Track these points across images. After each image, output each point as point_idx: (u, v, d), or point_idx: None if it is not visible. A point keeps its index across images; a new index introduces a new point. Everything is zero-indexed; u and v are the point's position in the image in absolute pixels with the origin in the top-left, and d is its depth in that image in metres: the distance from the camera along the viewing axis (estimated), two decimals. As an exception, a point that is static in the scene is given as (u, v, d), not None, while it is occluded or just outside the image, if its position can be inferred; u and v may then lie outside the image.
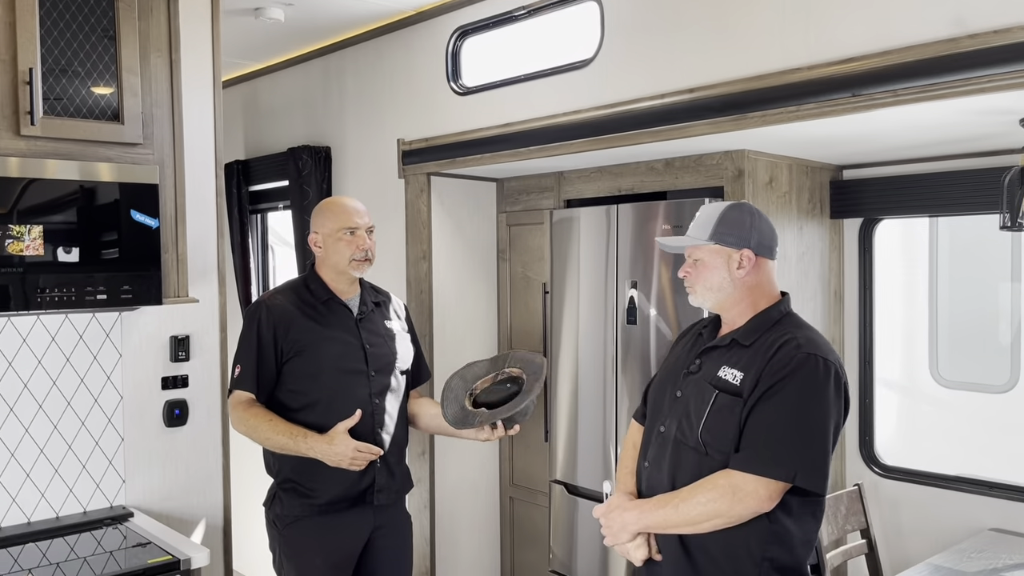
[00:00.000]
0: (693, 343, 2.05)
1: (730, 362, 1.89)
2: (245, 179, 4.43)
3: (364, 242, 2.52)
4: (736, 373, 1.86)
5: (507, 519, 3.72)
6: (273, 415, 2.43)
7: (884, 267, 3.23)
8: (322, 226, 2.53)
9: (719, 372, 1.89)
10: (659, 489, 1.94)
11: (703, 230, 1.95)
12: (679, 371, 2.01)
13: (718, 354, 1.94)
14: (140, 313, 2.72)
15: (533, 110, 2.97)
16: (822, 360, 1.81)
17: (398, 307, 2.73)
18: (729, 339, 1.93)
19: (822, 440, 1.80)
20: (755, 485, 1.77)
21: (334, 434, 2.37)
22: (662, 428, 1.97)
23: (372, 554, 2.54)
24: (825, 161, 3.07)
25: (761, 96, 2.31)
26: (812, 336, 1.89)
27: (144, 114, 2.46)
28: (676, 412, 1.95)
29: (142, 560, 2.26)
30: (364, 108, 3.75)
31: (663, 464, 1.94)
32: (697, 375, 1.94)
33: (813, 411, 1.79)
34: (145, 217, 2.43)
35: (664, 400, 2.01)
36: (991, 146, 2.69)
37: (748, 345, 1.89)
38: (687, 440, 1.89)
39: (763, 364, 1.83)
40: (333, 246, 2.51)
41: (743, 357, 1.88)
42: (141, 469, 2.75)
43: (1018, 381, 3.33)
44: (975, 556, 2.60)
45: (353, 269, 2.52)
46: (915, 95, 2.01)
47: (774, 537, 1.82)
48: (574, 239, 3.20)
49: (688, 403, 1.92)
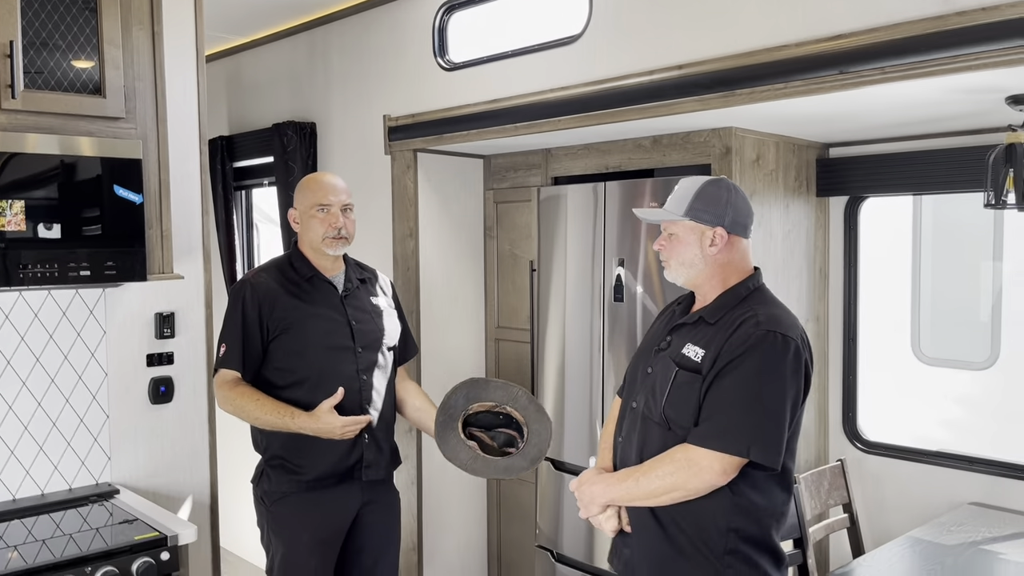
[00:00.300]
0: (668, 320, 2.09)
1: (695, 339, 1.92)
2: (229, 155, 4.39)
3: (337, 220, 2.50)
4: (698, 350, 1.89)
5: (494, 495, 3.74)
6: (260, 394, 2.42)
7: (869, 245, 3.25)
8: (299, 202, 2.54)
9: (683, 349, 1.93)
10: (629, 463, 2.00)
11: (679, 205, 1.96)
12: (652, 348, 2.05)
13: (685, 331, 1.97)
14: (124, 289, 2.70)
15: (520, 86, 2.95)
16: (781, 336, 1.83)
17: (384, 284, 2.73)
18: (696, 317, 1.97)
19: (778, 415, 1.81)
20: (710, 459, 1.80)
21: (319, 412, 2.37)
22: (634, 404, 2.03)
23: (360, 530, 2.56)
24: (812, 139, 3.08)
25: (749, 73, 2.30)
26: (775, 312, 1.90)
27: (126, 88, 2.43)
28: (645, 388, 1.99)
29: (129, 537, 2.26)
30: (350, 83, 3.72)
31: (633, 438, 2.00)
32: (666, 352, 1.98)
33: (769, 386, 1.81)
34: (128, 192, 2.40)
35: (637, 376, 2.06)
36: (976, 124, 2.70)
37: (713, 323, 1.92)
38: (652, 415, 1.94)
39: (723, 341, 1.86)
40: (307, 223, 2.52)
41: (707, 334, 1.91)
42: (127, 446, 2.74)
43: (998, 358, 3.37)
44: (955, 529, 2.65)
45: (327, 247, 2.50)
46: (902, 72, 2.02)
47: (738, 509, 1.86)
48: (561, 216, 3.20)
49: (656, 379, 1.97)
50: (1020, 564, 2.36)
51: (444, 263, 3.59)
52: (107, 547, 2.18)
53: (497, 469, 2.50)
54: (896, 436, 3.18)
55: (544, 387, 3.30)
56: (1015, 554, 2.43)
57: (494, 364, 3.70)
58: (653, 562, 1.94)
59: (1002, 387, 3.45)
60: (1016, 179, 2.28)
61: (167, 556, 2.24)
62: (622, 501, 1.95)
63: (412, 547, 3.50)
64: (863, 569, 2.39)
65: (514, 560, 3.67)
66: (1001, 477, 2.84)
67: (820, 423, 3.24)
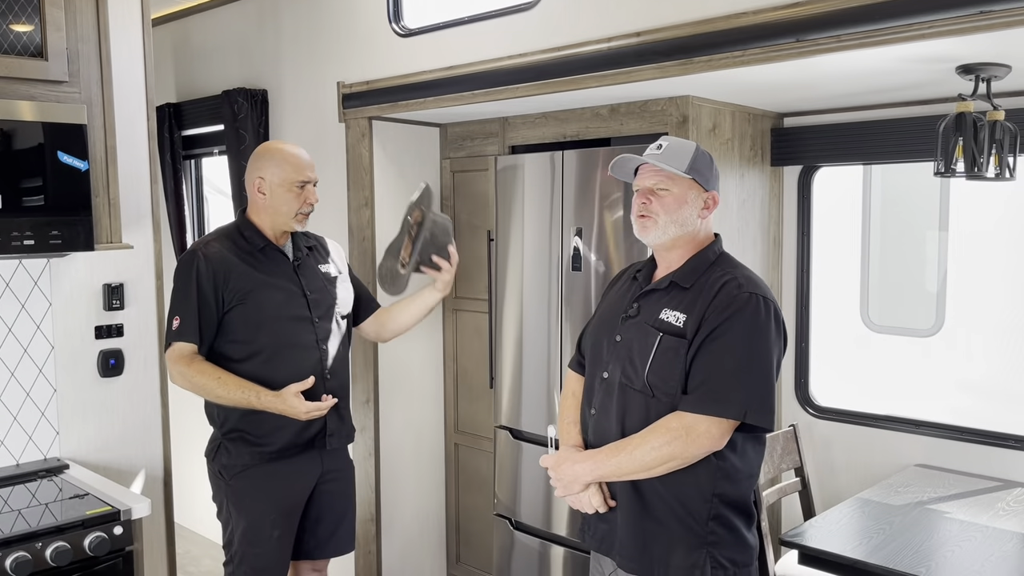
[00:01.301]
0: (628, 288, 2.06)
1: (671, 304, 1.90)
2: (177, 123, 4.27)
3: (312, 196, 2.49)
4: (679, 315, 1.87)
5: (452, 465, 3.75)
6: (221, 371, 2.37)
7: (821, 215, 3.30)
8: (272, 174, 2.45)
9: (660, 315, 1.90)
10: (608, 436, 1.95)
11: (680, 161, 1.91)
12: (616, 316, 2.01)
13: (657, 297, 1.95)
14: (70, 260, 2.63)
15: (477, 53, 2.92)
16: (763, 299, 1.85)
17: (333, 250, 2.70)
18: (667, 281, 1.94)
19: (768, 377, 1.84)
20: (707, 425, 1.80)
21: (285, 394, 2.34)
22: (605, 374, 1.98)
23: (318, 500, 2.55)
24: (767, 108, 3.10)
25: (707, 40, 2.30)
26: (750, 275, 1.92)
27: (69, 50, 2.35)
28: (618, 357, 1.95)
29: (80, 511, 2.21)
30: (302, 49, 3.63)
31: (611, 410, 1.95)
32: (637, 319, 1.95)
33: (758, 349, 1.83)
34: (73, 159, 2.32)
35: (603, 346, 2.01)
36: (928, 95, 2.75)
37: (688, 287, 1.91)
38: (633, 384, 1.91)
39: (705, 305, 1.85)
40: (282, 196, 2.45)
41: (684, 299, 1.89)
42: (76, 420, 2.68)
43: (943, 325, 3.47)
44: (901, 490, 2.73)
45: (297, 223, 2.49)
46: (857, 41, 2.03)
47: (722, 473, 1.87)
48: (519, 186, 3.19)
49: (631, 347, 1.93)
50: (963, 522, 2.44)
51: (400, 233, 3.55)
52: (58, 522, 2.14)
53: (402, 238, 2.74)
54: (846, 401, 3.26)
55: (502, 356, 3.30)
56: (959, 513, 2.51)
57: (452, 335, 3.69)
58: (635, 536, 1.92)
59: (946, 353, 3.56)
60: (965, 148, 2.32)
61: (120, 531, 2.21)
62: (612, 477, 1.90)
63: (370, 518, 3.49)
64: (814, 530, 2.45)
65: (473, 529, 3.70)
66: (945, 439, 2.93)
67: (773, 389, 3.30)
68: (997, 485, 2.74)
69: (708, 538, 1.86)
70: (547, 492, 3.12)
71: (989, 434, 2.85)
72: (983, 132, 2.32)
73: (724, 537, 1.87)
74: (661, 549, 1.89)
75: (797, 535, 2.40)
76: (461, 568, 3.76)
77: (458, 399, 3.70)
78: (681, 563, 1.87)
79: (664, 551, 1.89)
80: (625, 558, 1.94)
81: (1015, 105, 2.56)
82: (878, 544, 2.30)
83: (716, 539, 1.87)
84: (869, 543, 2.32)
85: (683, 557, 1.87)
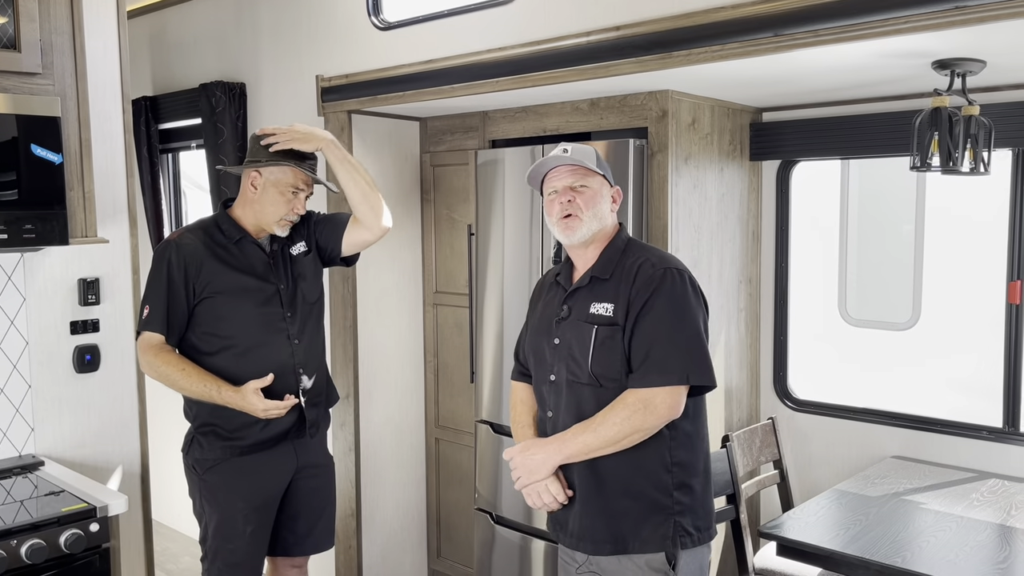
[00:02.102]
0: (554, 294, 2.13)
1: (597, 298, 2.00)
2: (154, 116, 4.23)
3: (301, 206, 2.45)
4: (606, 305, 1.97)
5: (433, 459, 3.75)
6: (186, 363, 2.36)
7: (800, 209, 3.33)
8: (270, 171, 2.41)
9: (590, 310, 1.99)
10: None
11: (590, 160, 2.03)
12: (550, 321, 2.09)
13: (583, 295, 2.03)
14: (45, 254, 2.59)
15: (457, 47, 2.91)
16: (676, 271, 1.96)
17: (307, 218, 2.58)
18: (588, 278, 2.03)
19: (700, 339, 1.95)
20: (660, 395, 1.89)
21: (245, 391, 2.32)
22: (552, 376, 2.05)
23: (295, 495, 2.53)
24: (746, 103, 3.12)
25: (686, 35, 2.31)
26: (661, 254, 2.04)
27: (43, 42, 2.31)
28: (560, 357, 2.03)
29: (55, 508, 2.19)
30: (281, 42, 3.61)
31: (563, 407, 2.03)
32: (569, 319, 2.03)
33: (684, 316, 1.94)
34: (47, 152, 2.29)
35: (544, 351, 2.08)
36: (904, 90, 2.77)
37: (607, 278, 2.00)
38: (579, 379, 1.99)
39: (628, 290, 1.95)
40: (271, 197, 2.41)
41: (607, 289, 1.99)
42: (51, 417, 2.65)
43: (919, 319, 3.51)
44: (878, 481, 2.75)
45: (279, 227, 2.45)
46: (835, 36, 2.05)
47: (676, 442, 1.96)
48: (499, 180, 3.18)
49: (570, 345, 2.01)
50: (939, 512, 2.47)
51: (380, 228, 3.53)
52: (33, 519, 2.12)
53: None
54: (824, 394, 3.29)
55: (483, 351, 3.30)
56: (934, 503, 2.55)
57: (432, 329, 3.68)
58: (607, 523, 1.97)
59: (922, 347, 3.59)
60: (941, 142, 2.34)
61: (96, 527, 2.18)
62: (578, 456, 1.95)
63: (351, 513, 3.48)
64: (792, 522, 2.47)
65: (454, 523, 3.69)
66: (921, 431, 2.96)
67: (752, 383, 3.33)
68: (972, 476, 2.78)
69: (674, 508, 1.95)
70: (528, 486, 3.13)
71: (964, 426, 2.89)
72: (958, 127, 2.34)
73: (688, 505, 1.96)
74: (630, 525, 1.95)
75: (775, 527, 2.42)
76: (442, 562, 3.76)
77: (439, 394, 3.69)
78: (651, 536, 1.94)
79: (633, 526, 1.95)
80: (598, 542, 1.98)
81: (990, 100, 2.59)
82: (855, 535, 2.33)
83: (681, 508, 1.95)
84: (846, 534, 2.34)
85: (652, 530, 1.94)
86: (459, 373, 3.58)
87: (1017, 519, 2.41)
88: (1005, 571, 2.11)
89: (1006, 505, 2.52)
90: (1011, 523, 2.39)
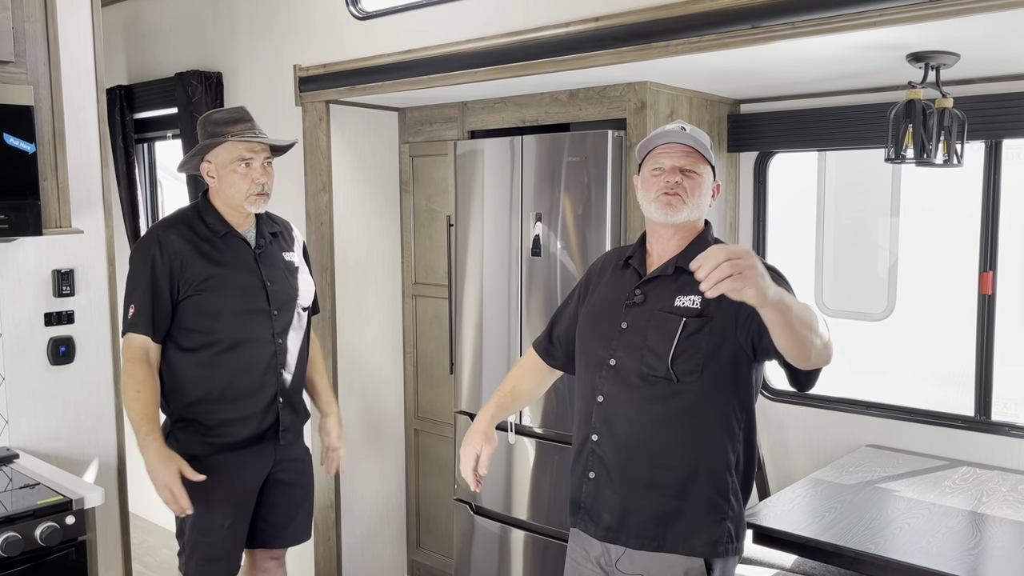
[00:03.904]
0: (621, 275, 2.00)
1: (683, 291, 1.86)
2: (129, 106, 4.18)
3: (260, 175, 2.37)
4: (694, 298, 1.83)
5: (412, 451, 3.75)
6: (145, 388, 2.27)
7: (777, 201, 3.35)
8: (215, 155, 2.37)
9: (676, 302, 1.86)
10: (620, 425, 1.90)
11: (704, 148, 1.88)
12: (617, 303, 1.95)
13: (664, 283, 1.90)
14: (18, 245, 2.56)
15: (435, 37, 2.90)
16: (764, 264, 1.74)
17: (297, 236, 2.64)
18: (672, 267, 1.90)
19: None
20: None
21: (167, 463, 2.22)
22: (612, 361, 1.92)
23: (273, 488, 2.52)
24: (724, 95, 3.13)
25: (665, 26, 2.32)
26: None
27: (15, 30, 2.28)
28: (629, 344, 1.90)
29: (31, 501, 2.17)
30: (257, 31, 3.58)
31: (622, 397, 1.90)
32: (644, 306, 1.90)
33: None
34: (19, 141, 2.27)
35: (608, 333, 1.94)
36: (880, 82, 2.79)
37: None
38: (656, 371, 1.85)
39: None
40: (227, 178, 2.36)
41: (694, 284, 1.66)
42: (25, 409, 2.62)
43: (894, 310, 3.55)
44: (853, 470, 2.79)
45: (249, 204, 2.38)
46: (812, 27, 2.06)
47: (740, 443, 1.91)
48: (478, 171, 3.18)
49: (645, 334, 1.88)
50: (912, 500, 2.51)
51: (359, 218, 3.53)
52: (7, 512, 2.10)
53: None
54: (800, 384, 3.31)
55: (463, 342, 3.30)
56: (907, 491, 2.58)
57: (412, 321, 3.68)
58: (657, 519, 1.87)
59: (897, 337, 3.64)
60: (915, 135, 2.37)
61: (72, 520, 2.17)
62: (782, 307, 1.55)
63: (330, 504, 3.48)
64: (768, 510, 2.49)
65: (433, 514, 3.70)
66: (895, 420, 3.00)
67: (729, 373, 3.35)
68: (944, 464, 2.82)
69: (728, 513, 1.87)
70: (507, 477, 3.14)
71: (937, 415, 2.93)
72: (932, 119, 2.37)
73: (739, 512, 1.91)
74: (683, 524, 1.86)
75: (752, 515, 2.44)
76: (422, 553, 3.77)
77: (418, 385, 3.69)
78: (704, 539, 1.86)
79: (686, 526, 1.86)
80: (645, 538, 1.88)
81: (963, 93, 2.62)
82: (830, 522, 2.36)
83: (734, 514, 1.89)
84: (821, 521, 2.37)
85: (707, 533, 1.86)
86: (438, 364, 3.58)
87: (988, 506, 2.45)
88: (976, 556, 2.15)
89: (977, 492, 2.56)
90: (982, 510, 2.43)
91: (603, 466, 1.93)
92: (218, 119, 2.39)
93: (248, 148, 2.36)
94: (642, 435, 1.88)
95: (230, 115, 2.40)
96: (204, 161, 2.39)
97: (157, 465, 2.23)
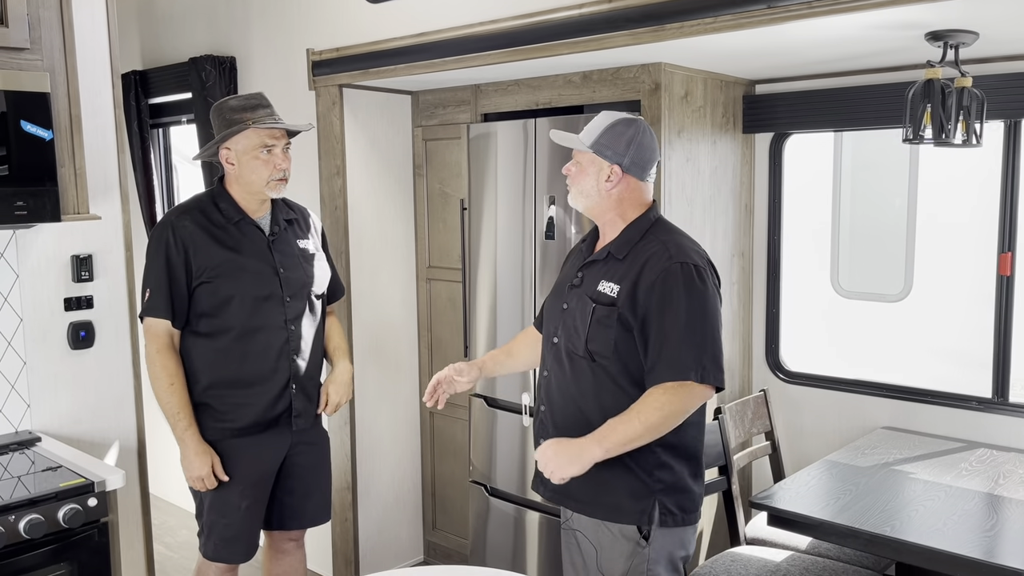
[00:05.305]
0: (577, 257, 2.17)
1: (607, 276, 2.02)
2: (144, 91, 4.19)
3: (282, 161, 2.40)
4: (613, 286, 1.99)
5: (427, 433, 3.77)
6: (177, 380, 2.37)
7: (792, 182, 3.33)
8: (235, 142, 2.39)
9: (598, 287, 2.01)
10: (556, 398, 2.08)
11: (589, 136, 2.04)
12: (564, 285, 2.14)
13: (597, 268, 2.06)
14: (37, 231, 2.58)
15: (448, 19, 2.88)
16: (692, 267, 1.93)
17: (314, 223, 2.65)
18: (605, 252, 2.05)
19: (715, 339, 1.93)
20: (686, 390, 1.90)
21: (200, 454, 2.36)
22: (555, 339, 2.11)
23: (290, 471, 2.54)
24: (739, 76, 3.10)
25: (680, 7, 2.30)
26: (680, 241, 2.00)
27: (30, 16, 2.29)
28: (564, 324, 2.08)
29: (53, 484, 2.20)
30: (271, 15, 3.57)
31: (559, 373, 2.08)
32: (580, 288, 2.07)
33: (698, 315, 1.91)
34: (37, 128, 2.28)
35: (555, 312, 2.14)
36: (897, 61, 2.76)
37: (622, 258, 2.01)
38: (577, 351, 2.03)
39: (636, 275, 1.95)
40: (248, 164, 2.38)
41: (619, 270, 2.00)
42: (47, 393, 2.65)
43: (911, 291, 3.52)
44: (868, 452, 2.78)
45: (270, 190, 2.41)
46: (829, 7, 2.04)
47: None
48: (492, 154, 3.17)
49: (574, 316, 2.05)
50: (928, 482, 2.50)
51: (373, 202, 3.53)
52: (31, 495, 2.13)
53: None
54: (815, 366, 3.31)
55: (476, 326, 3.31)
56: (923, 473, 2.58)
57: (425, 304, 3.69)
58: (587, 487, 2.00)
59: (913, 318, 3.62)
60: (933, 115, 2.34)
61: (94, 502, 2.20)
62: (618, 449, 1.90)
63: (346, 486, 3.51)
64: (783, 492, 2.50)
65: (449, 495, 3.73)
66: (910, 402, 2.99)
67: (744, 355, 3.35)
68: (961, 446, 2.81)
69: (655, 486, 1.99)
70: (522, 459, 3.16)
71: (953, 396, 2.92)
72: (951, 99, 2.34)
73: (670, 484, 2.00)
74: (612, 497, 2.00)
75: (767, 497, 2.45)
76: (438, 534, 3.80)
77: (433, 368, 3.71)
78: (632, 508, 1.99)
79: (615, 498, 2.00)
80: (581, 503, 2.05)
81: (982, 72, 2.59)
82: (845, 504, 2.36)
83: (663, 487, 1.99)
84: (836, 503, 2.37)
85: (632, 503, 1.99)
86: (453, 347, 3.60)
87: (1005, 488, 2.45)
88: (993, 539, 2.15)
89: (994, 474, 2.55)
90: (999, 492, 2.42)
91: (548, 436, 2.08)
92: (235, 105, 2.40)
93: (270, 135, 2.39)
94: (569, 408, 2.05)
95: (248, 101, 2.41)
96: (223, 147, 2.40)
97: (193, 460, 2.36)
